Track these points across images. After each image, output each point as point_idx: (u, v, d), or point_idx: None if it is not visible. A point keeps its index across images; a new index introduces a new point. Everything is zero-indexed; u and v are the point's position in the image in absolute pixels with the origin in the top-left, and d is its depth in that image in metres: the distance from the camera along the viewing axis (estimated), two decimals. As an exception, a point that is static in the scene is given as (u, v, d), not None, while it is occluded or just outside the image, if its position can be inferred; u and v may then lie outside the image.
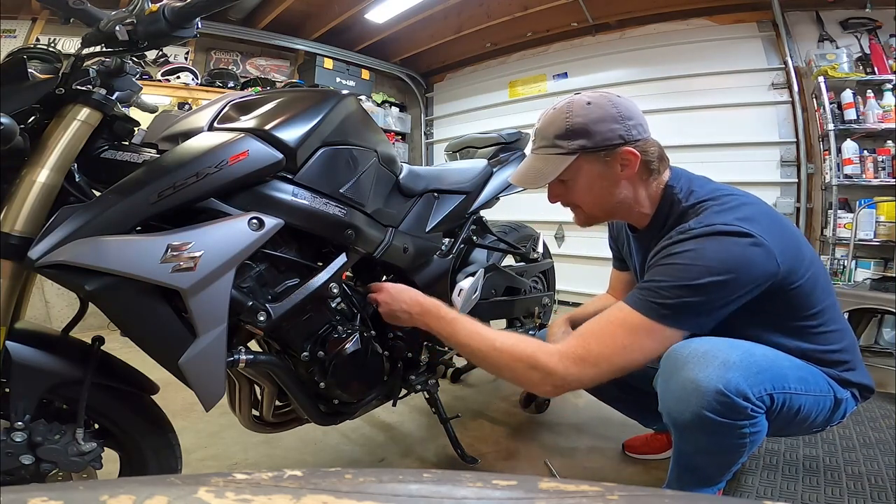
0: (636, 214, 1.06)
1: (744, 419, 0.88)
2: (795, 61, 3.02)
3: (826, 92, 2.72)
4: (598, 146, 0.95)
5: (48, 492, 0.20)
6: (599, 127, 0.95)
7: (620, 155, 0.96)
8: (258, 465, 1.45)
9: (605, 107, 0.96)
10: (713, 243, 0.88)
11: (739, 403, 0.86)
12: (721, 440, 0.92)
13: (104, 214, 0.76)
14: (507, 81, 4.40)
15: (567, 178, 1.00)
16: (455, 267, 1.47)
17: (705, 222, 0.91)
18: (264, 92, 1.12)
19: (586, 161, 0.97)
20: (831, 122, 2.71)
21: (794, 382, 0.94)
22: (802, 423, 0.99)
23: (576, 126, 0.95)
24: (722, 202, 0.95)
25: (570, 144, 0.96)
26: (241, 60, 4.06)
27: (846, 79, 2.71)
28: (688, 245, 0.90)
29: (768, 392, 0.90)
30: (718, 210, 0.94)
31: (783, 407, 0.92)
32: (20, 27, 3.13)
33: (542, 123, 1.01)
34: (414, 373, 1.33)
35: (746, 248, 0.87)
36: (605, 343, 0.90)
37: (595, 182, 0.99)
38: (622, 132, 0.95)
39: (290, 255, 1.00)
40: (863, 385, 1.03)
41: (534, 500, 0.22)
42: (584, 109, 0.96)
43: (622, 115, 0.96)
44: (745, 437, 0.91)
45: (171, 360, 0.82)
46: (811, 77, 2.83)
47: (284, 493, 0.21)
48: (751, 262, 0.87)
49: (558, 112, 0.98)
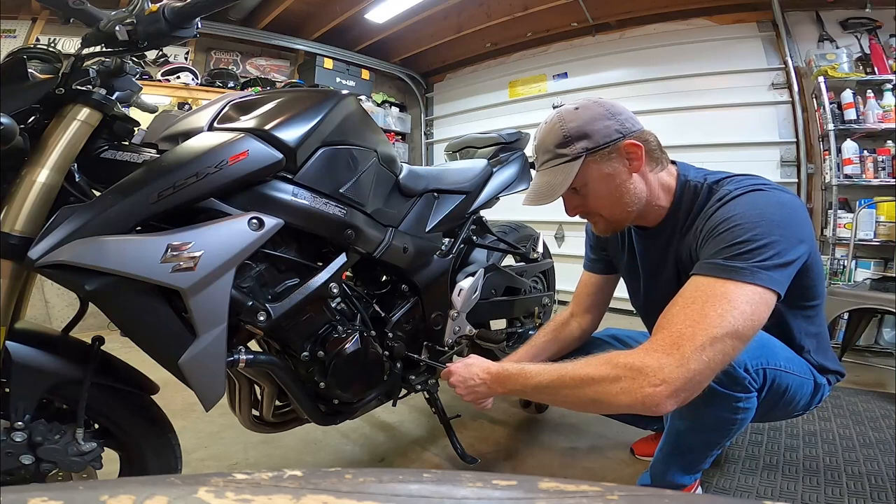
0: (654, 210, 1.03)
1: (741, 391, 0.93)
2: (795, 61, 3.02)
3: (826, 92, 2.72)
4: (600, 144, 0.95)
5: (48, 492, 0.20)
6: (595, 126, 0.95)
7: (624, 148, 0.96)
8: (258, 465, 1.45)
9: (593, 108, 0.97)
10: (761, 196, 0.89)
11: (740, 374, 0.91)
12: (716, 413, 0.95)
13: (104, 214, 0.76)
14: (507, 81, 4.40)
15: (579, 184, 0.98)
16: (455, 267, 1.47)
17: (743, 184, 0.93)
18: (264, 92, 1.12)
19: (594, 163, 0.96)
20: (831, 122, 2.71)
21: (783, 361, 0.98)
22: (788, 405, 1.03)
23: (572, 131, 0.96)
24: (745, 175, 0.98)
25: (572, 150, 0.96)
26: (241, 60, 4.06)
27: (846, 79, 2.71)
28: (736, 204, 0.89)
29: (763, 367, 0.94)
30: (747, 178, 0.96)
31: (773, 384, 0.96)
32: (20, 27, 3.13)
33: (539, 139, 1.02)
34: (414, 373, 1.33)
35: (792, 197, 0.92)
36: (695, 319, 0.77)
37: (608, 182, 0.98)
38: (617, 126, 0.96)
39: (290, 255, 1.00)
40: (838, 371, 1.09)
41: (534, 500, 0.22)
42: (575, 114, 0.97)
43: (611, 112, 0.97)
44: (738, 412, 0.95)
45: (171, 360, 0.82)
46: (811, 77, 2.83)
47: (284, 493, 0.21)
48: (800, 206, 0.92)
49: (551, 125, 1.00)
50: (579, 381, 0.83)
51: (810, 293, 1.00)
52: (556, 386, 0.87)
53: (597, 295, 1.29)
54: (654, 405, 0.76)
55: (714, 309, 0.77)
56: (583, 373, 0.83)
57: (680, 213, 1.01)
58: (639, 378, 0.76)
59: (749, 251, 0.81)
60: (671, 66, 3.47)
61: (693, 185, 1.00)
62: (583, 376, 0.83)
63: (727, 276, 0.80)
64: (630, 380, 0.77)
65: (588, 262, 1.32)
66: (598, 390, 0.81)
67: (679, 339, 0.77)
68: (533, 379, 0.91)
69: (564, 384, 0.85)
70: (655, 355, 0.77)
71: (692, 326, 0.77)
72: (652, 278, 1.12)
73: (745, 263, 0.80)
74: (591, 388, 0.81)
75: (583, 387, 0.83)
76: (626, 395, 0.77)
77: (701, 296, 0.80)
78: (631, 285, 1.22)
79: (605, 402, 0.81)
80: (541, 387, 0.89)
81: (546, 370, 0.90)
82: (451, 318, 1.41)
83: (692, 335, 0.76)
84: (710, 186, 0.98)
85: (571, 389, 0.84)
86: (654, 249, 1.09)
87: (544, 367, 0.92)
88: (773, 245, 0.81)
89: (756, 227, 0.83)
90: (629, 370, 0.78)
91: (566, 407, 0.98)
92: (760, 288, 0.79)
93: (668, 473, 1.10)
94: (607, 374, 0.80)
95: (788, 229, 0.84)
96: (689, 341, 0.76)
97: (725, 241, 0.84)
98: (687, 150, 3.25)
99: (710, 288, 0.80)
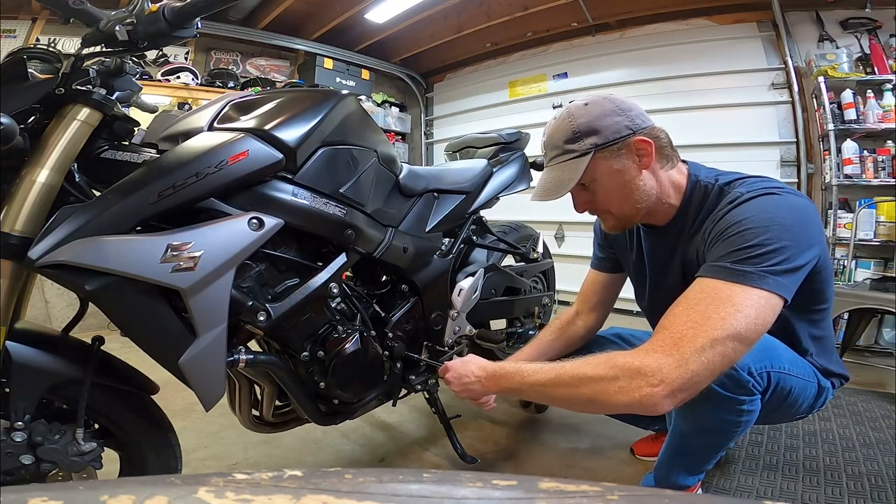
0: (663, 207, 1.02)
1: (745, 394, 0.92)
2: (795, 61, 3.02)
3: (826, 92, 2.72)
4: (610, 140, 0.94)
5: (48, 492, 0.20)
6: (605, 122, 0.94)
7: (634, 145, 0.94)
8: (258, 465, 1.45)
9: (603, 104, 0.96)
10: (772, 200, 0.88)
11: (744, 377, 0.91)
12: (720, 415, 0.95)
13: (104, 214, 0.76)
14: (507, 81, 4.40)
15: (588, 181, 0.97)
16: (455, 267, 1.47)
17: (755, 187, 0.91)
18: (264, 92, 1.12)
19: (603, 158, 0.95)
20: (831, 122, 2.71)
21: (787, 364, 0.98)
22: (791, 408, 1.02)
23: (582, 126, 0.95)
24: (758, 178, 0.97)
25: (581, 145, 0.95)
26: (241, 60, 4.07)
27: (846, 79, 2.71)
28: (747, 208, 0.88)
29: (766, 370, 0.94)
30: (760, 181, 0.95)
31: (777, 387, 0.96)
32: (20, 27, 3.13)
33: (548, 135, 1.00)
34: (414, 373, 1.33)
35: (805, 200, 0.91)
36: (697, 321, 0.77)
37: (617, 178, 0.96)
38: (627, 122, 0.94)
39: (290, 255, 1.00)
40: (842, 375, 1.08)
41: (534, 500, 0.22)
42: (584, 110, 0.96)
43: (621, 108, 0.95)
44: (742, 414, 0.95)
45: (171, 359, 0.82)
46: (811, 77, 2.83)
47: (284, 493, 0.21)
48: (812, 210, 0.90)
49: (560, 120, 0.98)
50: (577, 380, 0.82)
51: (819, 297, 0.99)
52: (552, 384, 0.86)
53: (603, 294, 1.28)
54: (651, 405, 0.75)
55: (717, 311, 0.77)
56: (580, 372, 0.82)
57: (689, 212, 1.00)
58: (637, 378, 0.76)
59: (758, 255, 0.80)
60: (671, 66, 3.47)
61: (704, 186, 0.99)
62: (580, 375, 0.82)
63: (735, 279, 0.79)
64: (628, 379, 0.76)
65: (595, 261, 1.31)
66: (595, 389, 0.80)
67: (679, 340, 0.76)
68: (529, 378, 0.90)
69: (561, 383, 0.84)
70: (655, 355, 0.76)
71: (693, 328, 0.76)
72: (659, 277, 1.12)
73: (753, 268, 0.79)
74: (589, 387, 0.81)
75: (580, 386, 0.82)
76: (624, 395, 0.77)
77: (705, 298, 0.79)
78: (637, 284, 1.21)
79: (603, 402, 0.80)
80: (537, 385, 0.88)
81: (543, 369, 0.89)
82: (451, 318, 1.41)
83: (693, 336, 0.75)
84: (721, 188, 0.96)
85: (568, 388, 0.83)
86: (661, 249, 1.08)
87: (541, 365, 0.91)
88: (782, 250, 0.81)
89: (766, 231, 0.82)
90: (627, 370, 0.77)
91: (564, 406, 0.97)
92: (767, 293, 0.78)
93: (672, 475, 1.10)
94: (605, 373, 0.79)
95: (799, 234, 0.83)
96: (690, 342, 0.75)
97: (735, 245, 0.83)
98: (687, 151, 3.20)
99: (716, 290, 0.79)
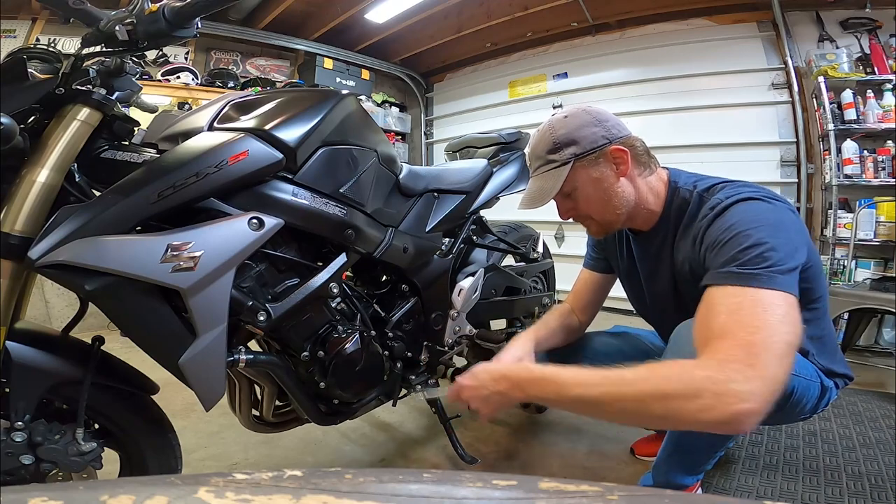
0: (644, 213, 1.06)
1: None
2: (795, 61, 3.02)
3: (826, 92, 2.72)
4: (588, 150, 0.99)
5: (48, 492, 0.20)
6: (583, 132, 1.00)
7: (611, 153, 1.00)
8: (258, 465, 1.45)
9: (581, 115, 1.02)
10: (752, 205, 0.91)
11: None
12: None
13: (104, 214, 0.76)
14: (507, 81, 4.40)
15: (570, 189, 1.02)
16: (455, 267, 1.47)
17: (733, 193, 0.94)
18: (264, 92, 1.12)
19: (582, 168, 1.00)
20: (831, 122, 2.71)
21: None
22: (794, 409, 1.02)
23: (561, 138, 1.00)
24: (735, 183, 1.00)
25: (561, 156, 1.00)
26: (241, 60, 4.06)
27: (846, 79, 2.71)
28: (732, 214, 0.91)
29: None
30: (738, 186, 0.98)
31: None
32: (20, 27, 3.13)
33: (532, 147, 1.07)
34: (414, 373, 1.33)
35: (783, 203, 0.93)
36: (756, 325, 0.72)
37: (596, 186, 1.01)
38: (604, 133, 1.00)
39: (290, 255, 1.00)
40: (846, 375, 1.08)
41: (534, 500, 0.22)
42: (564, 122, 1.02)
43: (598, 119, 1.01)
44: None
45: (171, 360, 0.82)
46: (811, 77, 2.83)
47: (284, 493, 0.21)
48: (791, 209, 0.93)
49: (542, 132, 1.04)
50: (646, 397, 0.72)
51: (808, 295, 0.99)
52: (609, 400, 0.75)
53: (596, 293, 1.31)
54: (741, 423, 0.67)
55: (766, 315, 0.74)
56: (648, 388, 0.73)
57: (671, 218, 1.04)
58: (725, 395, 0.67)
59: (757, 256, 0.81)
60: (671, 66, 3.47)
61: (683, 192, 1.03)
62: (650, 391, 0.72)
63: (746, 283, 0.79)
64: (714, 396, 0.67)
65: (590, 261, 1.33)
66: (670, 407, 0.70)
67: (752, 348, 0.70)
68: (571, 390, 0.78)
69: (623, 398, 0.74)
70: (734, 366, 0.68)
71: (756, 334, 0.71)
72: (650, 280, 1.15)
73: (758, 269, 0.79)
74: (661, 405, 0.71)
75: (650, 402, 0.72)
76: (709, 413, 0.67)
77: (735, 303, 0.77)
78: (631, 288, 1.23)
79: (679, 420, 0.73)
80: (584, 400, 0.77)
81: (589, 380, 0.77)
82: (451, 318, 1.41)
83: (766, 343, 0.70)
84: (701, 195, 1.00)
85: (634, 404, 0.73)
86: (649, 253, 1.12)
87: (583, 375, 0.78)
88: (776, 249, 0.82)
89: (756, 232, 0.84)
90: (710, 384, 0.68)
91: (616, 421, 0.90)
92: (782, 293, 0.77)
93: (671, 474, 1.10)
94: (683, 389, 0.70)
95: (786, 235, 0.85)
96: (766, 351, 0.69)
97: (732, 249, 0.84)
98: (687, 151, 3.25)
99: (740, 296, 0.78)
